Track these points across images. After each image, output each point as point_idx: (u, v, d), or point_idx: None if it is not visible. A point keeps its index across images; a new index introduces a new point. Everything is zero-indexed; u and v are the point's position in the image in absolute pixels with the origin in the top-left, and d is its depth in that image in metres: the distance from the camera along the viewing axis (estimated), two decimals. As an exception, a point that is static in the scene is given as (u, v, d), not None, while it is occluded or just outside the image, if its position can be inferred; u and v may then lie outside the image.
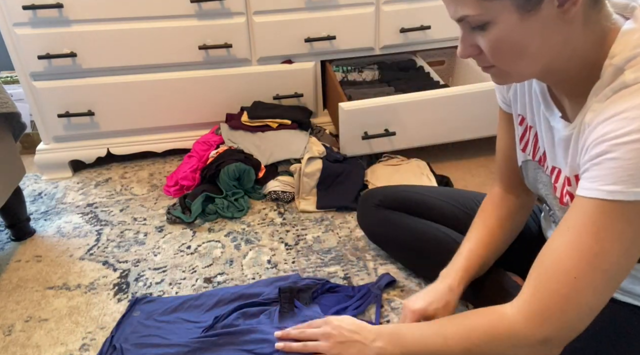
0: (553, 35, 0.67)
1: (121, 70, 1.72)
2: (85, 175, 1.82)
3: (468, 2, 0.66)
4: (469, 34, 0.71)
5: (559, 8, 0.64)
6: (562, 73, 0.72)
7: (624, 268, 0.66)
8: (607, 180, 0.62)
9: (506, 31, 0.66)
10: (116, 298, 1.24)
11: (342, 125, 1.61)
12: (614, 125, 0.62)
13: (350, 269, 1.29)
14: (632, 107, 0.61)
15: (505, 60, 0.70)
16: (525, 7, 0.64)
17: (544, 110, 0.81)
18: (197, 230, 1.49)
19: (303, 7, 1.71)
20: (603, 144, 0.63)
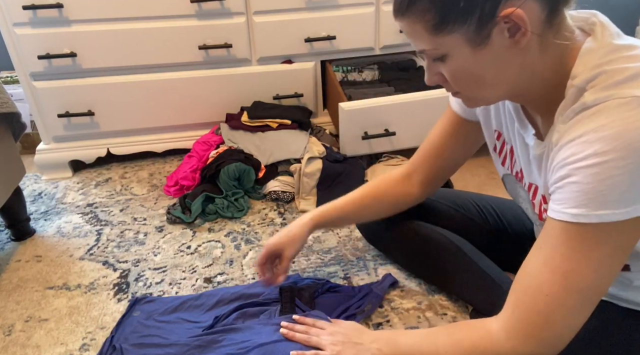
0: (508, 65, 0.69)
1: (121, 70, 1.72)
2: (85, 175, 1.82)
3: (423, 38, 0.70)
4: (432, 64, 0.74)
5: (511, 39, 0.66)
6: (527, 94, 0.75)
7: (597, 287, 0.66)
8: (571, 203, 0.64)
9: (461, 63, 0.70)
10: (116, 298, 1.24)
11: (342, 125, 1.61)
12: (573, 149, 0.64)
13: (350, 269, 1.29)
14: (590, 131, 0.62)
15: (467, 88, 0.74)
16: (475, 41, 0.67)
17: (518, 128, 0.82)
18: (197, 230, 1.49)
19: (303, 7, 1.71)
20: (565, 168, 0.65)
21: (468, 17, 0.65)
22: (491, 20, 0.65)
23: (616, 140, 0.60)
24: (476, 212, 1.16)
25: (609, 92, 0.62)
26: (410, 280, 1.23)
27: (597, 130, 0.61)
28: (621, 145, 0.59)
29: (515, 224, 1.12)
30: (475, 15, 0.65)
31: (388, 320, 1.12)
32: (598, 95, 0.63)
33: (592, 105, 0.63)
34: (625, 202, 0.61)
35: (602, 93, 0.63)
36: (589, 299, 0.67)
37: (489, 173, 1.69)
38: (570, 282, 0.66)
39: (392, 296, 1.19)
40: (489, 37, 0.66)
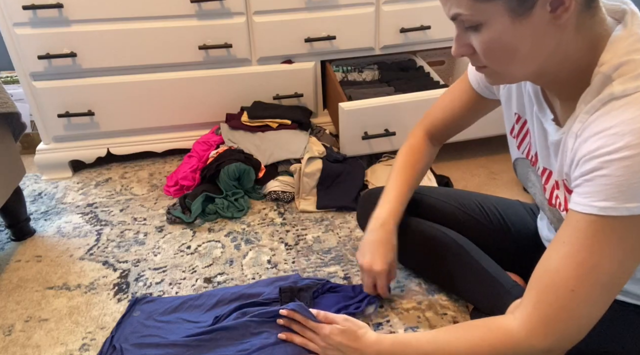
0: (545, 40, 0.67)
1: (121, 70, 1.72)
2: (85, 175, 1.83)
3: (462, 2, 0.67)
4: (463, 33, 0.72)
5: (552, 13, 0.64)
6: (554, 76, 0.73)
7: (620, 279, 0.67)
8: (599, 196, 0.64)
9: (498, 33, 0.67)
10: (116, 298, 1.24)
11: (342, 125, 1.61)
12: (603, 141, 0.63)
13: (350, 269, 1.29)
14: (621, 123, 0.62)
15: (497, 61, 0.71)
16: (517, 11, 0.64)
17: (537, 111, 0.82)
18: (197, 230, 1.49)
19: (303, 7, 1.71)
20: (594, 161, 0.64)
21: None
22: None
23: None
24: (479, 212, 1.16)
25: (638, 82, 0.62)
26: (411, 280, 1.23)
27: (628, 122, 0.61)
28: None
29: (518, 225, 1.12)
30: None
31: (388, 320, 1.12)
32: (627, 85, 0.63)
33: (621, 95, 0.63)
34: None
35: (631, 83, 0.63)
36: (612, 291, 0.68)
37: (489, 173, 1.69)
38: (597, 276, 0.66)
39: (392, 296, 1.19)
40: (531, 9, 0.64)
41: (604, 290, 0.67)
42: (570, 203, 0.68)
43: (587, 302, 0.67)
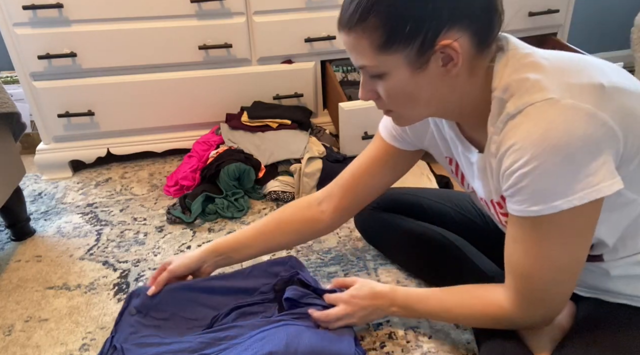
0: (441, 88, 0.77)
1: (121, 70, 1.72)
2: (85, 175, 1.82)
3: (366, 54, 0.75)
4: (369, 80, 0.80)
5: (443, 67, 0.74)
6: (457, 111, 0.82)
7: (576, 260, 0.77)
8: (529, 202, 0.72)
9: (399, 82, 0.76)
10: (116, 298, 1.24)
11: (342, 125, 1.61)
12: (513, 157, 0.71)
13: (350, 269, 1.29)
14: (521, 138, 0.70)
15: (400, 106, 0.81)
16: (415, 65, 0.74)
17: (462, 150, 0.89)
18: (197, 230, 1.49)
19: (303, 7, 1.71)
20: (512, 176, 0.72)
21: (411, 42, 0.72)
22: (430, 48, 0.72)
23: (544, 140, 0.67)
24: (475, 213, 1.16)
25: (525, 99, 0.70)
26: (411, 280, 1.23)
27: (526, 136, 0.69)
28: (550, 144, 0.67)
29: None
30: (417, 41, 0.72)
31: (388, 321, 1.12)
32: (517, 103, 0.71)
33: (515, 113, 0.71)
34: (574, 190, 0.69)
35: (519, 101, 0.71)
36: (572, 270, 0.78)
37: (489, 173, 1.69)
38: (552, 262, 0.76)
39: (392, 296, 1.19)
40: (426, 63, 0.73)
41: (564, 270, 0.77)
42: (509, 209, 0.77)
43: (553, 282, 0.78)
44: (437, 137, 0.95)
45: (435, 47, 0.72)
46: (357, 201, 1.09)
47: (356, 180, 1.07)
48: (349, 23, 0.75)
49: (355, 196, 1.08)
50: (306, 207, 1.12)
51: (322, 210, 1.10)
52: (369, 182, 1.06)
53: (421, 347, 1.04)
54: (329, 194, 1.10)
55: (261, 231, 1.12)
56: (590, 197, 0.69)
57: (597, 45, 2.40)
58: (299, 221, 1.12)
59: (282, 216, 1.13)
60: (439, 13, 0.71)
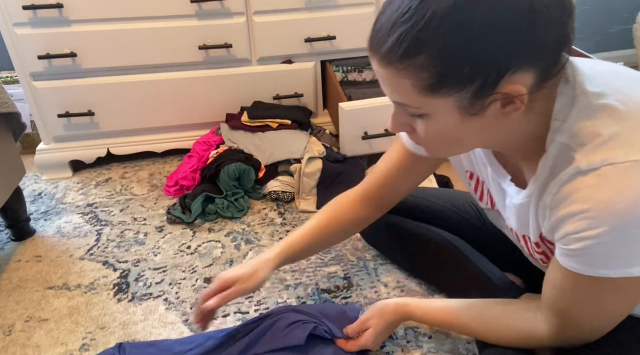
0: (491, 130, 0.66)
1: (121, 70, 1.72)
2: (85, 175, 1.82)
3: (407, 94, 0.63)
4: (404, 114, 0.68)
5: (501, 110, 0.62)
6: (503, 148, 0.74)
7: (631, 307, 0.71)
8: (598, 265, 0.65)
9: (444, 126, 0.65)
10: (116, 298, 1.24)
11: (342, 125, 1.61)
12: (586, 223, 0.62)
13: (350, 269, 1.29)
14: (598, 206, 0.61)
15: (439, 145, 0.70)
16: (469, 111, 0.62)
17: (492, 174, 0.80)
18: (197, 230, 1.49)
19: (303, 7, 1.71)
20: (582, 242, 0.64)
21: (467, 85, 0.59)
22: (490, 93, 0.60)
23: (630, 213, 0.59)
24: (472, 213, 1.16)
25: (602, 155, 0.61)
26: (411, 280, 1.23)
27: (605, 206, 0.60)
28: (637, 217, 0.59)
29: None
30: (475, 84, 0.59)
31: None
32: (590, 158, 0.62)
33: (588, 170, 0.62)
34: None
35: (594, 156, 0.61)
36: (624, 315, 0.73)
37: (489, 173, 1.69)
38: (607, 313, 0.72)
39: (391, 296, 1.19)
40: (482, 109, 0.62)
41: (616, 317, 0.73)
42: (564, 263, 0.69)
43: (604, 327, 0.75)
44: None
45: (496, 92, 0.60)
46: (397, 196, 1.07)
47: (391, 181, 1.02)
48: (387, 57, 0.61)
49: (393, 193, 1.06)
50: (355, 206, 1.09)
51: (368, 207, 1.08)
52: (400, 184, 1.03)
53: (421, 347, 1.04)
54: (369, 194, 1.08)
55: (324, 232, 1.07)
56: None
57: (597, 45, 2.40)
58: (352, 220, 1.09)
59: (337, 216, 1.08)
60: (507, 53, 0.57)
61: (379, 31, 0.61)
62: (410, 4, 0.58)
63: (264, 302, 1.20)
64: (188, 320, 1.16)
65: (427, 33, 0.57)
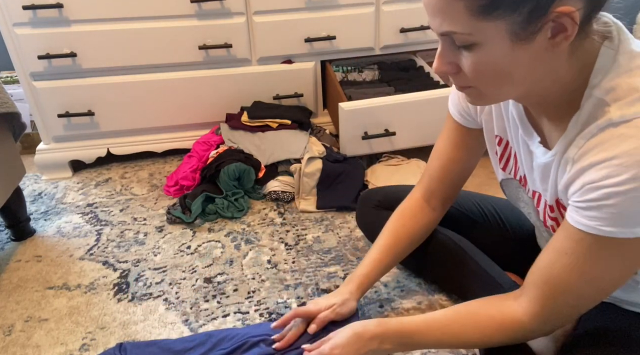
0: (540, 65, 0.65)
1: (121, 70, 1.72)
2: (85, 175, 1.82)
3: (460, 18, 0.61)
4: (451, 50, 0.67)
5: (551, 39, 0.61)
6: (541, 98, 0.72)
7: (619, 284, 0.71)
8: (606, 222, 0.64)
9: (494, 56, 0.63)
10: (116, 298, 1.24)
11: (342, 125, 1.61)
12: (607, 171, 0.62)
13: (350, 269, 1.29)
14: (624, 153, 0.60)
15: (486, 83, 0.68)
16: (520, 36, 0.61)
17: (522, 134, 0.80)
18: (197, 230, 1.49)
19: (303, 7, 1.71)
20: (600, 190, 0.63)
21: (520, 6, 0.58)
22: (543, 16, 0.59)
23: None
24: (478, 212, 1.16)
25: (636, 108, 0.60)
26: (411, 280, 1.23)
27: (631, 153, 0.59)
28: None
29: (516, 225, 1.12)
30: (528, 5, 0.58)
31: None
32: (624, 111, 0.61)
33: (620, 122, 0.61)
34: None
35: (628, 109, 0.61)
36: (611, 291, 0.72)
37: (489, 173, 1.69)
38: (598, 283, 0.70)
39: (392, 296, 1.19)
40: (534, 34, 0.60)
41: (604, 291, 0.72)
42: (571, 220, 0.68)
43: (588, 301, 0.73)
44: (494, 112, 0.87)
45: (549, 15, 0.58)
46: (456, 187, 1.06)
47: (449, 169, 1.01)
48: None
49: (453, 184, 1.04)
50: (420, 212, 1.07)
51: (433, 209, 1.07)
52: (458, 169, 1.01)
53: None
54: (431, 193, 1.05)
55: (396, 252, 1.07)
56: None
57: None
58: (420, 228, 1.07)
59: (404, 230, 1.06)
60: None
61: None
62: None
63: (264, 302, 1.20)
64: (188, 320, 1.16)
65: None
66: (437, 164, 1.03)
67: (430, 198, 1.06)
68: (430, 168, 1.04)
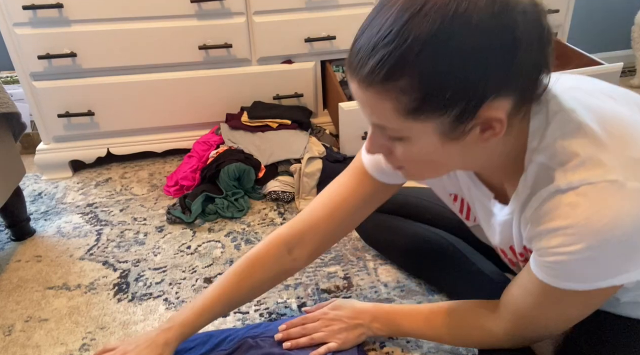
0: (473, 153, 0.67)
1: (121, 70, 1.72)
2: (85, 175, 1.83)
3: (387, 117, 0.62)
4: (382, 137, 0.67)
5: (480, 135, 0.63)
6: (481, 169, 0.75)
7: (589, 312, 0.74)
8: (564, 278, 0.67)
9: (425, 149, 0.64)
10: (116, 298, 1.24)
11: (342, 125, 1.61)
12: (563, 239, 0.63)
13: (350, 269, 1.29)
14: (577, 224, 0.62)
15: (418, 169, 0.70)
16: (449, 136, 0.62)
17: (477, 194, 0.81)
18: (197, 230, 1.49)
19: (303, 7, 1.71)
20: (556, 256, 0.65)
21: (448, 110, 0.59)
22: (471, 119, 0.60)
23: (609, 232, 0.60)
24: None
25: (581, 174, 0.62)
26: (410, 280, 1.23)
27: (585, 223, 0.61)
28: (615, 235, 0.60)
29: None
30: (456, 110, 0.59)
31: (388, 320, 1.12)
32: (570, 178, 0.62)
33: (567, 189, 0.62)
34: (622, 271, 0.64)
35: (573, 175, 0.62)
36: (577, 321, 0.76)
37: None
38: (563, 320, 0.75)
39: (392, 296, 1.19)
40: (464, 133, 0.62)
41: (569, 323, 0.77)
42: (533, 267, 0.71)
43: (556, 329, 0.78)
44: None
45: (476, 118, 0.60)
46: (332, 241, 0.97)
47: (331, 220, 0.92)
48: (368, 79, 0.60)
49: (330, 236, 0.95)
50: (275, 262, 0.95)
51: (294, 259, 0.95)
52: (346, 220, 0.93)
53: (421, 347, 1.04)
54: (300, 239, 0.94)
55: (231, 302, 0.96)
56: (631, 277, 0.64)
57: (597, 45, 2.40)
58: (268, 278, 0.97)
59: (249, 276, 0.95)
60: (488, 79, 0.57)
61: (359, 53, 0.61)
62: (391, 27, 0.57)
63: (263, 302, 1.20)
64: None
65: (409, 57, 0.56)
66: (321, 210, 0.93)
67: (295, 247, 0.95)
68: (310, 211, 0.94)
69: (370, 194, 0.91)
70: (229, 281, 0.95)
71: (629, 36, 2.26)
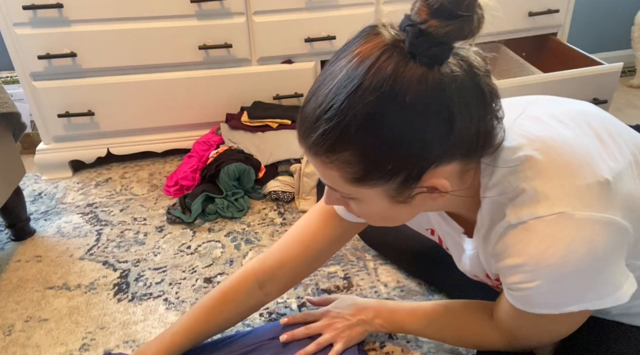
0: (425, 208, 0.71)
1: (121, 70, 1.72)
2: (85, 175, 1.83)
3: (336, 181, 0.64)
4: (336, 194, 0.69)
5: (428, 195, 0.65)
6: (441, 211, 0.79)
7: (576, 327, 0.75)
8: (536, 306, 0.69)
9: (377, 209, 0.67)
10: (116, 298, 1.24)
11: (342, 125, 1.61)
12: (522, 276, 0.66)
13: (350, 269, 1.29)
14: (531, 260, 0.63)
15: (377, 222, 0.73)
16: (397, 199, 0.64)
17: (447, 229, 0.84)
18: (197, 230, 1.49)
19: (303, 7, 1.71)
20: (519, 291, 0.68)
21: (392, 178, 0.61)
22: (415, 184, 0.62)
23: (563, 265, 0.61)
24: None
25: (528, 209, 0.63)
26: (410, 280, 1.23)
27: (539, 260, 0.63)
28: (571, 267, 0.61)
29: None
30: (400, 177, 0.61)
31: (388, 320, 1.12)
32: (518, 213, 0.64)
33: (517, 223, 0.64)
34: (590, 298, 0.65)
35: (521, 210, 0.64)
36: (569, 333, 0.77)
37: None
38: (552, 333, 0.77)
39: (392, 296, 1.19)
40: (411, 197, 0.64)
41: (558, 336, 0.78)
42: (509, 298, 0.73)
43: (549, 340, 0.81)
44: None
45: (420, 183, 0.62)
46: (304, 275, 1.00)
47: (303, 258, 0.93)
48: (313, 149, 0.62)
49: (302, 272, 0.97)
50: (246, 297, 0.95)
51: (266, 293, 0.96)
52: (318, 256, 0.94)
53: (421, 347, 1.04)
54: (272, 275, 0.95)
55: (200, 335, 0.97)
56: (605, 304, 0.65)
57: (597, 45, 2.40)
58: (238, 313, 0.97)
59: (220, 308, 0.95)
60: (427, 151, 0.60)
61: (304, 122, 0.62)
62: (332, 103, 0.58)
63: (264, 302, 1.20)
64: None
65: (349, 133, 0.58)
66: (294, 248, 0.93)
67: (266, 282, 0.95)
68: (282, 248, 0.95)
69: (340, 233, 0.93)
70: (199, 316, 0.95)
71: (629, 36, 2.26)
